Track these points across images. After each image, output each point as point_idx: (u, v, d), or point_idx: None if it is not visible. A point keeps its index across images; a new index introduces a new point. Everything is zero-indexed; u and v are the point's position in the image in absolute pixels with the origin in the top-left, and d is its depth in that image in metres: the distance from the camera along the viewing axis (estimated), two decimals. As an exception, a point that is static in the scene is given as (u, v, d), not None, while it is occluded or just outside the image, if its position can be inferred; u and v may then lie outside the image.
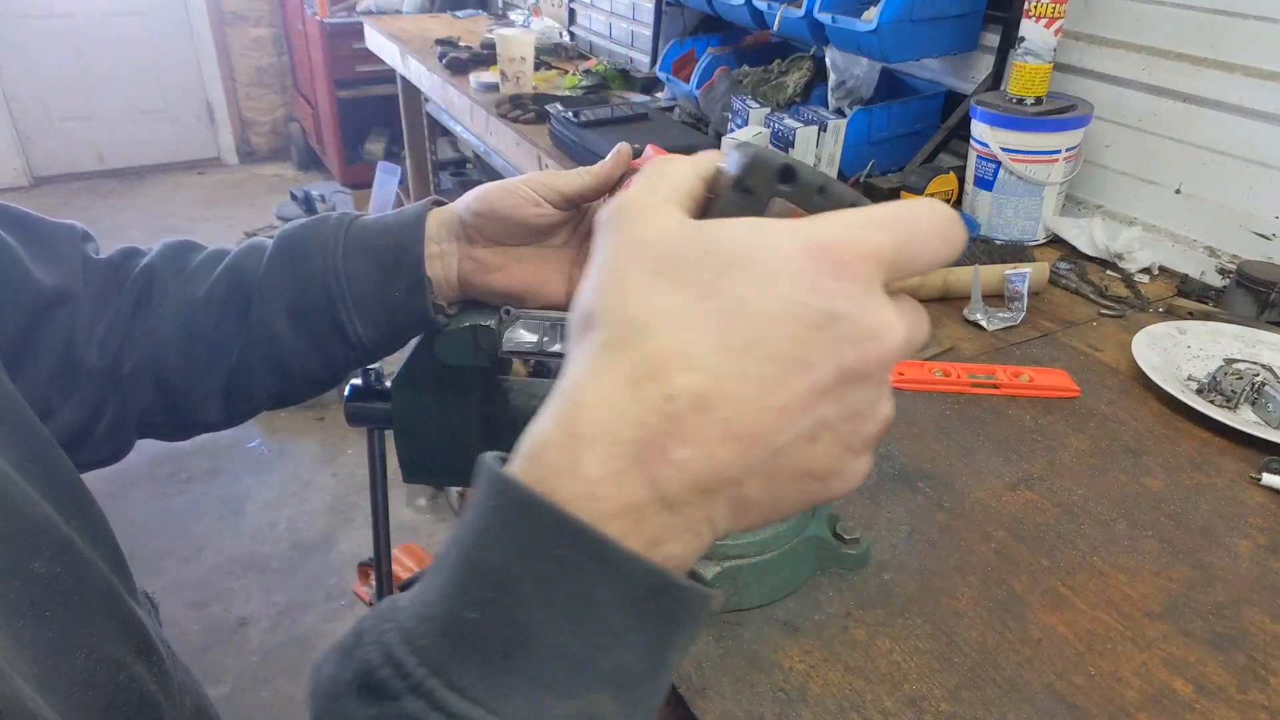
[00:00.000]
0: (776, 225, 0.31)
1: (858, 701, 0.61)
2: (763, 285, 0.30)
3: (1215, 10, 1.27)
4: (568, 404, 0.31)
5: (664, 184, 0.36)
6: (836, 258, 0.30)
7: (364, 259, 0.66)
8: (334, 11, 4.26)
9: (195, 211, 4.62)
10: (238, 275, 0.67)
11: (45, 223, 0.66)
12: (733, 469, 0.30)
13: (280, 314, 0.66)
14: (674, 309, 0.30)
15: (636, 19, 2.30)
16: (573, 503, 0.29)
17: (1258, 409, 0.98)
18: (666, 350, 0.30)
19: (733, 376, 0.30)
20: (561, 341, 0.67)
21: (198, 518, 2.57)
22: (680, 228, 0.32)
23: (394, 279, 0.65)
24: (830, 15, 1.53)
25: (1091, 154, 1.47)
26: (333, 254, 0.66)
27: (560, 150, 1.82)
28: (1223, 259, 1.32)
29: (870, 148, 1.66)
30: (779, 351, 0.30)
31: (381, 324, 0.66)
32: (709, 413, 0.29)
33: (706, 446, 0.30)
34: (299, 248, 0.67)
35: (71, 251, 0.67)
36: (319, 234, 0.67)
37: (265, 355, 0.67)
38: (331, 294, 0.65)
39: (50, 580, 0.44)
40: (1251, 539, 0.79)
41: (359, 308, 0.66)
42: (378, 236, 0.67)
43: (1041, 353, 1.10)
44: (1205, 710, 0.62)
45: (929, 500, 0.82)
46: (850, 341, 0.30)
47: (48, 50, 4.66)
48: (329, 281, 0.65)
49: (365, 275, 0.66)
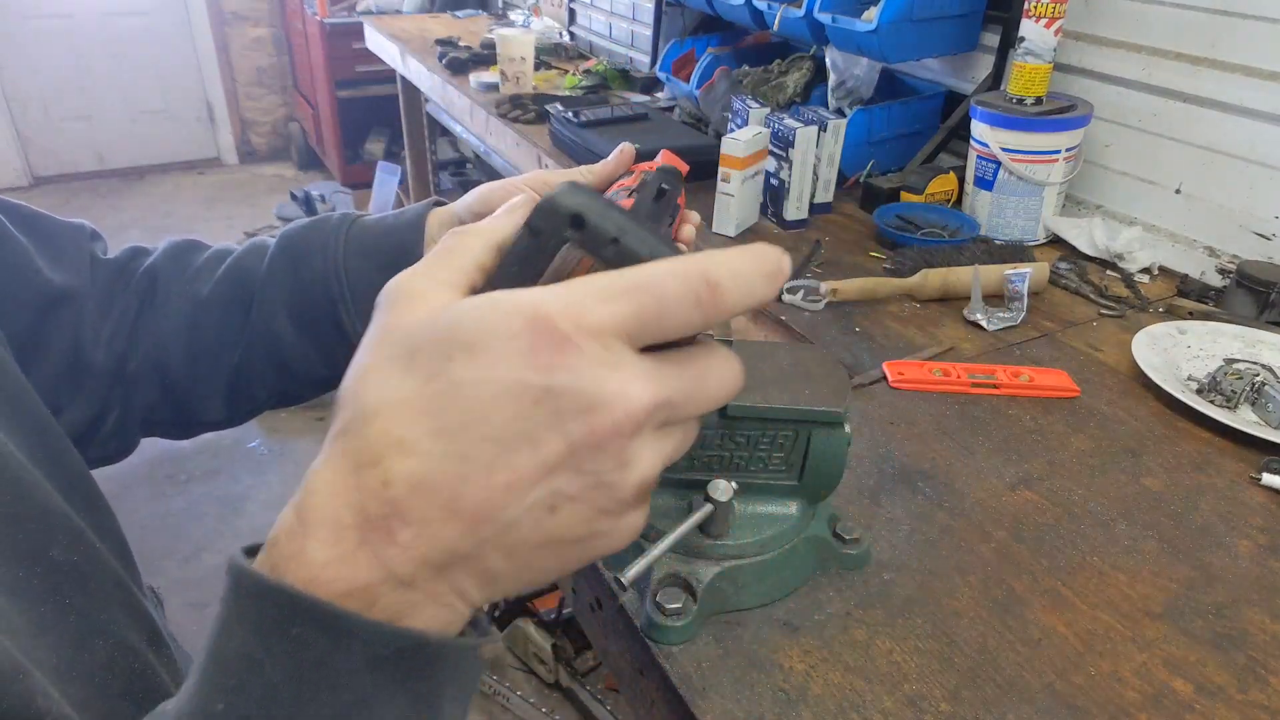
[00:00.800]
0: (511, 300, 0.31)
1: (858, 701, 0.61)
2: (484, 366, 0.30)
3: (1215, 10, 1.27)
4: (302, 492, 0.32)
5: (444, 264, 0.37)
6: (559, 333, 0.30)
7: (365, 260, 0.66)
8: (334, 11, 4.26)
9: (195, 211, 4.62)
10: (240, 275, 0.68)
11: (55, 221, 0.67)
12: (462, 544, 0.31)
13: (282, 314, 0.66)
14: (399, 396, 0.31)
15: (636, 19, 2.30)
16: (304, 585, 0.30)
17: (1258, 409, 0.98)
18: (386, 436, 0.31)
19: (450, 457, 0.30)
20: None
21: (198, 518, 2.57)
22: (429, 312, 0.33)
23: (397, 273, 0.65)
24: (830, 15, 1.53)
25: (1091, 154, 1.47)
26: (334, 254, 0.66)
27: (560, 150, 1.82)
28: (1223, 259, 1.32)
29: (870, 148, 1.66)
30: (498, 431, 0.30)
31: None
32: (428, 494, 0.30)
33: (429, 526, 0.30)
34: (300, 248, 0.67)
35: (80, 250, 0.67)
36: (320, 234, 0.68)
37: (267, 354, 0.67)
38: (332, 294, 0.66)
39: (70, 568, 0.45)
40: (1251, 539, 0.79)
41: (360, 308, 0.66)
42: (379, 237, 0.67)
43: (1041, 353, 1.10)
44: (1205, 710, 0.62)
45: (929, 500, 0.82)
46: (574, 414, 0.30)
47: (48, 50, 4.66)
48: (330, 282, 0.66)
49: (366, 276, 0.66)
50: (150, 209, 4.67)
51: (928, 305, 1.22)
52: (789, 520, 0.68)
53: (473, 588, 0.32)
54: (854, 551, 0.72)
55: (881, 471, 0.86)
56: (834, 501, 0.74)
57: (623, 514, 0.33)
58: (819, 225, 1.50)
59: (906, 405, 0.97)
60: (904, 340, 1.13)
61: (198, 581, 2.37)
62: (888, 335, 1.14)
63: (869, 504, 0.81)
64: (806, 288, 1.20)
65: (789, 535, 0.68)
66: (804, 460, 0.66)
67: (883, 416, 0.95)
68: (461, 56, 2.48)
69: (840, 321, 1.17)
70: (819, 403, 0.64)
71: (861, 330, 1.15)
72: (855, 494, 0.82)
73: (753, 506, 0.68)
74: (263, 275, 0.67)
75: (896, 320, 1.18)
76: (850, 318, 1.18)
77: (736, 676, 0.62)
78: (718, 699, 0.61)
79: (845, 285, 1.20)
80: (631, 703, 0.71)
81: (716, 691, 0.61)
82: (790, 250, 1.40)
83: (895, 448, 0.90)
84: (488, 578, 0.32)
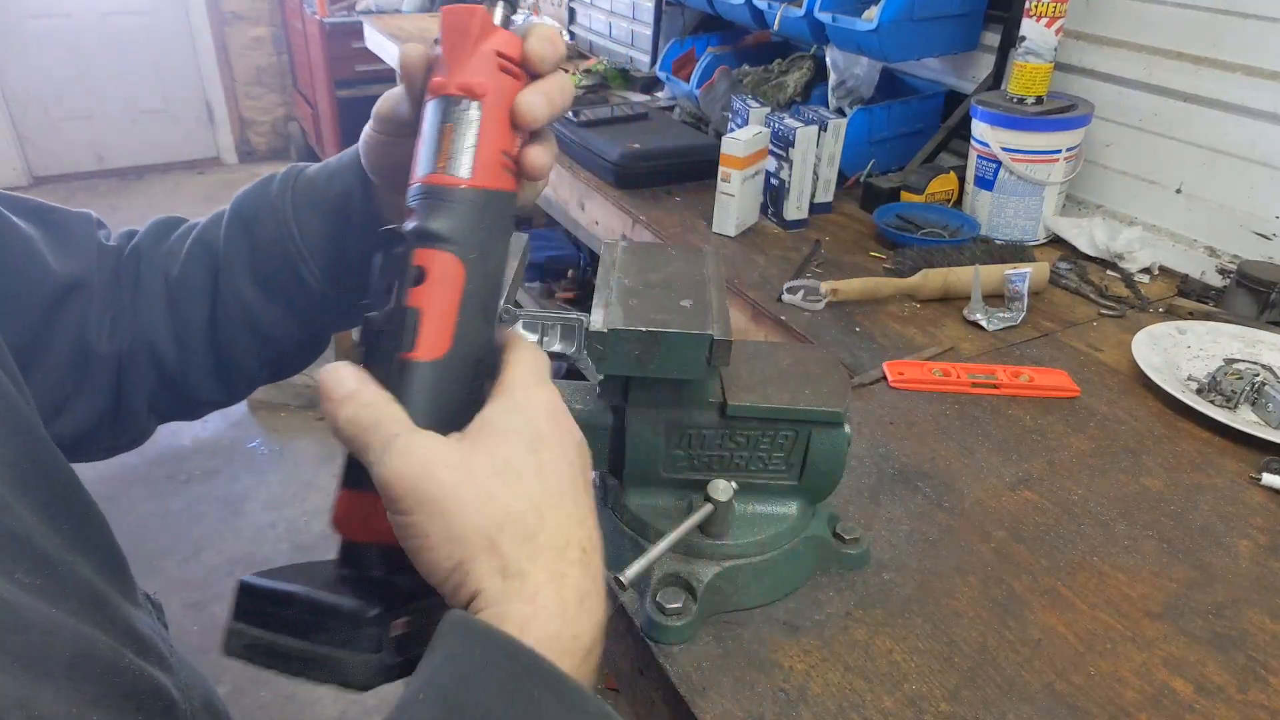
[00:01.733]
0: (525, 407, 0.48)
1: (858, 701, 0.61)
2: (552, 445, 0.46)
3: (1215, 10, 1.27)
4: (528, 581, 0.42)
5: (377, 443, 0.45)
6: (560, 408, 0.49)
7: (314, 211, 0.66)
8: (334, 11, 4.26)
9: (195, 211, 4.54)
10: (203, 249, 0.68)
11: (60, 211, 0.67)
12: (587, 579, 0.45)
13: (246, 281, 0.66)
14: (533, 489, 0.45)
15: (636, 19, 2.30)
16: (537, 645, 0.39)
17: (1258, 409, 0.98)
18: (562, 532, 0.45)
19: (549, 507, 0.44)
20: (560, 341, 0.67)
21: (197, 518, 2.57)
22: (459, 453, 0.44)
23: (349, 225, 0.64)
24: (830, 15, 1.53)
25: (1092, 154, 1.47)
26: (283, 213, 0.66)
27: (560, 150, 1.82)
28: (1223, 259, 1.32)
29: (870, 147, 1.66)
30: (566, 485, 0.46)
31: (344, 272, 0.66)
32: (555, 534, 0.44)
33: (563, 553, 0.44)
34: (250, 213, 0.67)
35: (87, 239, 0.68)
36: (267, 195, 0.67)
37: (243, 324, 0.67)
38: (290, 253, 0.65)
39: (35, 591, 0.43)
40: (1251, 539, 0.79)
41: (319, 261, 0.65)
42: (323, 186, 0.66)
43: (1041, 353, 1.10)
44: (1205, 710, 0.62)
45: (929, 500, 0.82)
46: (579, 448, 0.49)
47: (48, 50, 4.66)
48: (285, 242, 0.65)
49: (317, 227, 0.65)
50: (150, 209, 4.67)
51: (928, 305, 1.22)
52: (789, 520, 0.68)
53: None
54: (854, 551, 0.72)
55: (881, 471, 0.86)
56: (834, 501, 0.74)
57: (582, 458, 0.48)
58: (819, 225, 1.50)
59: (906, 405, 0.97)
60: (904, 340, 1.13)
61: (197, 581, 2.37)
62: (888, 335, 1.14)
63: (869, 504, 0.81)
64: (806, 288, 1.20)
65: (789, 535, 0.68)
66: (804, 460, 0.66)
67: (883, 416, 0.95)
68: (461, 56, 2.47)
69: (840, 321, 1.17)
70: (819, 403, 0.64)
71: (861, 330, 1.15)
72: (855, 494, 0.82)
73: (753, 506, 0.68)
74: (221, 246, 0.67)
75: (896, 320, 1.18)
76: (850, 318, 1.18)
77: (736, 676, 0.62)
78: (718, 699, 0.61)
79: (845, 285, 1.20)
80: (631, 703, 0.71)
81: (716, 691, 0.61)
82: (790, 250, 1.40)
83: (895, 448, 0.89)
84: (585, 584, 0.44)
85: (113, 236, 0.71)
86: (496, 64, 0.49)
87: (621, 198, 1.59)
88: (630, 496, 0.69)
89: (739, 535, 0.66)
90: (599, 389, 0.67)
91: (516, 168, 0.51)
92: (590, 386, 0.68)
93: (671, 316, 0.61)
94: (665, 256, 0.70)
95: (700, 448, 0.66)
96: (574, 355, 0.66)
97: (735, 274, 1.30)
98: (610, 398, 0.67)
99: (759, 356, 0.69)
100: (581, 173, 1.72)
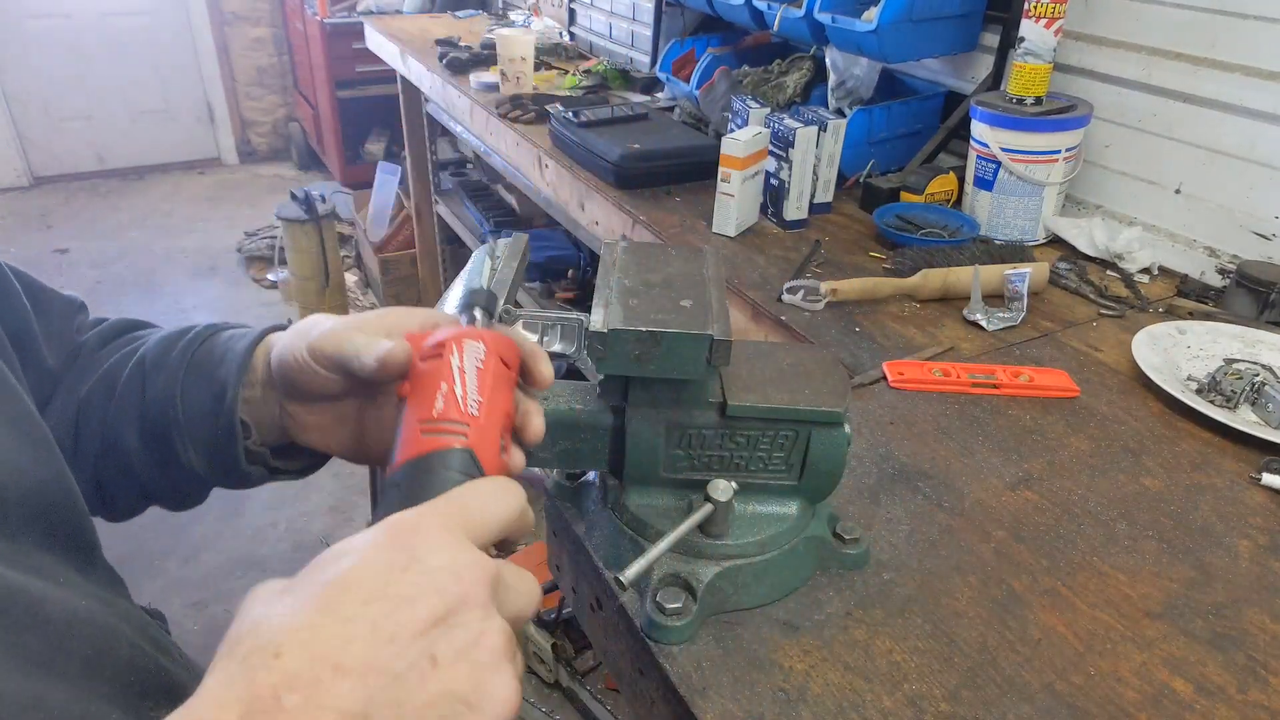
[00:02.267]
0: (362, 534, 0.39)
1: (858, 701, 0.61)
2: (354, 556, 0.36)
3: (1215, 10, 1.27)
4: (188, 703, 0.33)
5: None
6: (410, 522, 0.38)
7: (200, 385, 0.62)
8: (334, 11, 4.26)
9: (195, 211, 4.62)
10: (107, 383, 0.65)
11: (53, 295, 0.66)
12: (352, 700, 0.32)
13: (131, 429, 0.62)
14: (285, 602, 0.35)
15: (636, 19, 2.30)
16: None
17: (1257, 409, 0.98)
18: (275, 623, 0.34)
19: (336, 622, 0.34)
20: (560, 341, 0.67)
21: (198, 518, 2.57)
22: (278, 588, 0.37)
23: (219, 414, 0.60)
24: (830, 15, 1.53)
25: (1091, 154, 1.47)
26: (175, 373, 0.62)
27: (560, 150, 1.82)
28: (1223, 259, 1.32)
29: (870, 148, 1.66)
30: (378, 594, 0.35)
31: (212, 459, 0.62)
32: (316, 654, 0.33)
33: (319, 685, 0.32)
34: (152, 363, 0.63)
35: (69, 333, 0.66)
36: (171, 352, 0.63)
37: (119, 465, 0.64)
38: (169, 418, 0.61)
39: (26, 630, 0.43)
40: (1251, 539, 0.79)
41: (193, 437, 0.61)
42: (215, 364, 0.62)
43: (1041, 353, 1.10)
44: (1205, 710, 0.62)
45: (929, 500, 0.82)
46: (446, 576, 0.36)
47: (48, 50, 4.66)
48: (168, 405, 0.61)
49: (199, 404, 0.61)
50: (150, 209, 4.67)
51: (928, 305, 1.22)
52: (789, 520, 0.68)
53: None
54: (854, 551, 0.72)
55: (881, 471, 0.86)
56: (834, 501, 0.74)
57: (498, 666, 0.36)
58: (819, 225, 1.50)
59: (906, 405, 0.97)
60: (904, 340, 1.13)
61: (198, 581, 2.37)
62: (888, 335, 1.14)
63: (869, 504, 0.81)
64: (806, 288, 1.20)
65: (789, 535, 0.68)
66: (804, 460, 0.66)
67: (883, 416, 0.95)
68: (461, 57, 2.48)
69: (840, 321, 1.17)
70: (819, 403, 0.64)
71: (861, 330, 1.15)
72: (855, 494, 0.82)
73: (753, 506, 0.68)
74: (120, 385, 0.63)
75: (896, 320, 1.18)
76: (850, 318, 1.18)
77: (736, 676, 0.62)
78: (718, 699, 0.61)
79: (845, 285, 1.20)
80: (631, 703, 0.71)
81: (716, 691, 0.61)
82: (790, 250, 1.40)
83: (895, 448, 0.90)
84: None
85: (83, 326, 0.69)
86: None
87: (621, 198, 1.59)
88: (630, 496, 0.69)
89: (739, 535, 0.66)
90: (599, 389, 0.67)
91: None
92: (590, 386, 0.68)
93: (671, 316, 0.61)
94: (665, 256, 0.70)
95: (700, 448, 0.66)
96: (574, 355, 0.67)
97: (735, 274, 1.30)
98: (610, 398, 0.67)
99: (759, 356, 0.69)
100: (581, 173, 1.72)
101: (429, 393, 0.45)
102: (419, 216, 3.39)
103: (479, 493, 0.41)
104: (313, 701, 0.32)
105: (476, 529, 0.39)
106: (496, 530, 0.41)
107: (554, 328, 0.67)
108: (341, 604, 0.34)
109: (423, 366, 0.47)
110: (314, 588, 0.35)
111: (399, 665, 0.33)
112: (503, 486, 0.42)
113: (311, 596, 0.34)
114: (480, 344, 0.48)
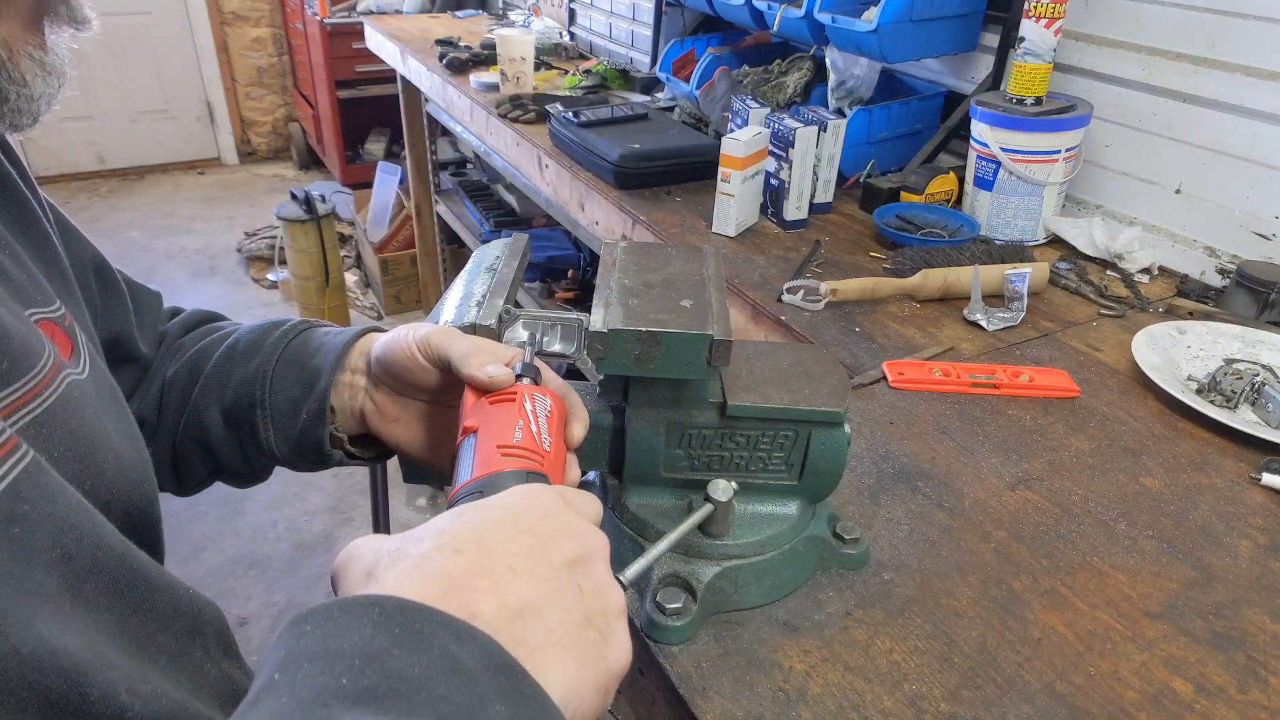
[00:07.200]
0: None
1: (858, 701, 0.61)
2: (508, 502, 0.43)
3: (1215, 10, 1.27)
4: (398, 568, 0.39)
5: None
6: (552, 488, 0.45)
7: (291, 372, 0.67)
8: (334, 11, 4.26)
9: (195, 211, 4.62)
10: (196, 361, 0.71)
11: (142, 290, 0.73)
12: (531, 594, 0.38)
13: (215, 406, 0.68)
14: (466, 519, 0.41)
15: (636, 19, 2.30)
16: None
17: (1258, 409, 0.98)
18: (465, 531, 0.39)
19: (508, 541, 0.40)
20: (560, 341, 0.67)
21: (198, 518, 2.57)
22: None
23: (308, 399, 0.65)
24: (830, 15, 1.53)
25: (1091, 154, 1.47)
26: (269, 359, 0.67)
27: (560, 150, 1.82)
28: (1223, 259, 1.32)
29: (870, 148, 1.66)
30: (537, 528, 0.41)
31: (292, 440, 0.67)
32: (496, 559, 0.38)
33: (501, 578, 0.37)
34: (247, 344, 0.69)
35: (157, 322, 0.74)
36: (267, 338, 0.69)
37: (197, 438, 0.69)
38: (255, 399, 0.67)
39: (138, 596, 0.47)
40: (1251, 539, 0.79)
41: (276, 418, 0.66)
42: (310, 354, 0.67)
43: (1041, 353, 1.10)
44: (1205, 710, 0.62)
45: (929, 500, 0.82)
46: (578, 535, 0.42)
47: (48, 50, 4.65)
48: (255, 387, 0.67)
49: (288, 389, 0.66)
50: (150, 209, 4.66)
51: (928, 305, 1.22)
52: (789, 520, 0.68)
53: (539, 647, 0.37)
54: (854, 551, 0.72)
55: (881, 471, 0.86)
56: (834, 501, 0.74)
57: (622, 618, 0.42)
58: (819, 225, 1.50)
59: (906, 405, 0.97)
60: (904, 340, 1.13)
61: (198, 581, 2.37)
62: (888, 335, 1.14)
63: (869, 504, 0.81)
64: (806, 288, 1.20)
65: (789, 535, 0.68)
66: (804, 460, 0.66)
67: (883, 416, 0.95)
68: (461, 56, 2.48)
69: (840, 321, 1.17)
70: (819, 403, 0.64)
71: (861, 330, 1.15)
72: (855, 494, 0.82)
73: (753, 506, 0.68)
74: (211, 364, 0.69)
75: (896, 320, 1.18)
76: (850, 318, 1.18)
77: (736, 676, 0.62)
78: (718, 699, 0.61)
79: (845, 285, 1.20)
80: (631, 702, 0.71)
81: (716, 691, 0.61)
82: (790, 250, 1.40)
83: (895, 448, 0.90)
84: (551, 639, 0.37)
85: (164, 316, 0.77)
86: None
87: (621, 198, 1.59)
88: (630, 496, 0.69)
89: (739, 535, 0.66)
90: (599, 389, 0.68)
91: None
92: (590, 386, 0.68)
93: (671, 316, 0.61)
94: (665, 256, 0.70)
95: (700, 448, 0.66)
96: (574, 355, 0.67)
97: (735, 274, 1.30)
98: (610, 398, 0.67)
99: (759, 356, 0.69)
100: (581, 173, 1.72)
101: (506, 426, 0.52)
102: (419, 216, 3.39)
103: (576, 491, 0.47)
104: (499, 589, 0.37)
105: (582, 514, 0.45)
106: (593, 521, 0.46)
107: (554, 328, 0.67)
108: (502, 528, 0.40)
109: (494, 407, 0.54)
110: (457, 522, 0.40)
111: (558, 582, 0.39)
112: (591, 496, 0.48)
113: (467, 523, 0.40)
114: (548, 399, 0.55)
